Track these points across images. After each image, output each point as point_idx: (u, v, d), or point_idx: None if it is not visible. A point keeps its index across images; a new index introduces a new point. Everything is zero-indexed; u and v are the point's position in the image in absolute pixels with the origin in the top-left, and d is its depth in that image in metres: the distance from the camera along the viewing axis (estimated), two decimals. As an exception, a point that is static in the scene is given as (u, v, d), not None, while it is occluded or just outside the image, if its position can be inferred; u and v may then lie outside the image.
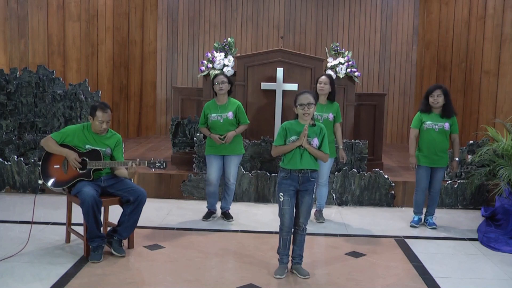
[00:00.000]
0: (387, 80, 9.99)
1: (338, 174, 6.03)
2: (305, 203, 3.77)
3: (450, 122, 5.04)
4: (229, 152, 5.09)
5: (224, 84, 5.04)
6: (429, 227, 5.20)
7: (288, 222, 3.75)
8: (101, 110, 4.15)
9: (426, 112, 5.07)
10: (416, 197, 5.25)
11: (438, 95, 4.97)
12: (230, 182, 5.18)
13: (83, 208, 3.91)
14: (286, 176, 3.75)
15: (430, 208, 5.26)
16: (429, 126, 5.05)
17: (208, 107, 5.11)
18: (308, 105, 3.71)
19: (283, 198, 3.74)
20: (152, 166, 4.17)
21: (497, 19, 7.70)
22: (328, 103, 5.16)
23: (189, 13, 10.02)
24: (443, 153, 5.07)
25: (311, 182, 3.77)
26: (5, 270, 3.74)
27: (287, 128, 3.78)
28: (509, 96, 7.45)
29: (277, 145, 3.80)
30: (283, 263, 3.82)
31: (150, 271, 3.85)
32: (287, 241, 3.79)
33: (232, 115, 5.05)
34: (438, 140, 5.02)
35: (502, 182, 5.17)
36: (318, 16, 9.95)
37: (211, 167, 5.11)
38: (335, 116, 5.16)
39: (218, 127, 5.04)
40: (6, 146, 6.35)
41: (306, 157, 3.73)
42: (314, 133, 3.78)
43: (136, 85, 9.77)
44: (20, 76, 6.42)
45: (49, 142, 4.15)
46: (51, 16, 8.01)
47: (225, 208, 5.30)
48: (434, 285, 3.71)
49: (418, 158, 5.11)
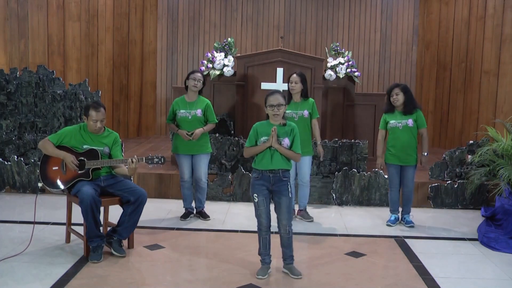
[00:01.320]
0: (387, 80, 9.97)
1: (338, 174, 6.03)
2: (282, 204, 3.75)
3: (414, 117, 5.06)
4: (197, 151, 5.08)
5: (199, 83, 5.07)
6: (406, 226, 5.19)
7: (265, 222, 3.76)
8: (94, 109, 4.14)
9: (390, 112, 5.14)
10: (390, 196, 5.27)
11: (397, 93, 5.04)
12: (202, 182, 5.16)
13: (82, 207, 3.92)
14: (258, 176, 3.75)
15: (405, 206, 5.26)
16: (393, 125, 5.10)
17: (177, 103, 5.12)
18: (278, 106, 3.72)
19: (257, 199, 3.74)
20: (150, 161, 4.18)
21: (497, 19, 7.70)
22: (302, 101, 5.16)
23: (189, 13, 10.02)
24: (410, 150, 5.07)
25: (284, 181, 3.75)
26: (5, 270, 3.74)
27: (258, 129, 3.80)
28: (509, 96, 7.45)
29: (248, 146, 3.81)
30: (265, 263, 3.81)
31: (150, 271, 3.85)
32: (266, 240, 3.80)
33: (200, 112, 5.06)
34: (403, 138, 5.05)
35: (502, 182, 5.17)
36: (318, 16, 9.95)
37: (183, 167, 5.11)
38: (311, 113, 5.16)
39: (186, 124, 5.04)
40: (6, 146, 6.35)
41: (277, 157, 3.72)
42: (285, 133, 3.77)
43: (136, 85, 9.77)
44: (20, 76, 6.42)
45: (46, 144, 4.15)
46: (51, 16, 8.01)
47: (200, 207, 5.29)
48: (434, 285, 3.71)
49: (387, 156, 5.16)
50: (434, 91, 9.29)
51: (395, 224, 5.24)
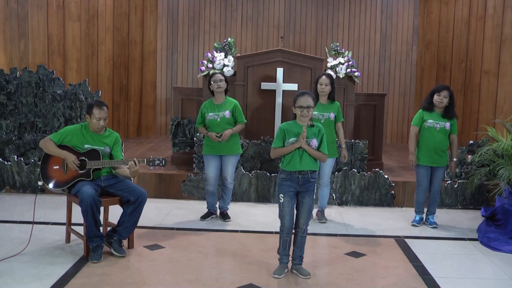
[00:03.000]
0: (387, 80, 9.98)
1: (338, 174, 6.03)
2: (305, 204, 3.76)
3: (451, 123, 5.07)
4: (226, 152, 5.09)
5: (222, 82, 5.05)
6: (430, 226, 5.20)
7: (288, 223, 3.76)
8: (97, 107, 4.15)
9: (428, 111, 5.09)
10: (417, 197, 5.26)
11: (445, 96, 5.01)
12: (227, 182, 5.18)
13: (82, 207, 3.91)
14: (286, 177, 3.75)
15: (431, 207, 5.27)
16: (430, 125, 5.06)
17: (205, 107, 5.13)
18: (308, 108, 3.71)
19: (283, 200, 3.74)
20: (151, 163, 4.17)
21: (497, 19, 7.70)
22: (329, 103, 5.16)
23: (189, 13, 10.02)
24: (443, 152, 5.08)
25: (311, 182, 3.77)
26: (5, 270, 3.74)
27: (286, 129, 3.78)
28: (509, 96, 7.45)
29: (275, 147, 3.80)
30: (283, 263, 3.82)
31: (150, 271, 3.85)
32: (287, 242, 3.79)
33: (229, 114, 5.06)
34: (439, 139, 5.04)
35: (502, 182, 5.17)
36: (318, 16, 9.95)
37: (209, 167, 5.12)
38: (336, 116, 5.17)
39: (215, 126, 5.05)
40: (6, 146, 6.35)
41: (306, 158, 3.73)
42: (313, 134, 3.78)
43: (136, 85, 9.77)
44: (20, 76, 6.42)
45: (48, 144, 4.14)
46: (51, 16, 8.01)
47: (223, 208, 5.31)
48: (434, 285, 3.71)
49: (418, 157, 5.12)
50: (434, 91, 9.27)
51: (420, 224, 5.25)
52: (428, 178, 5.15)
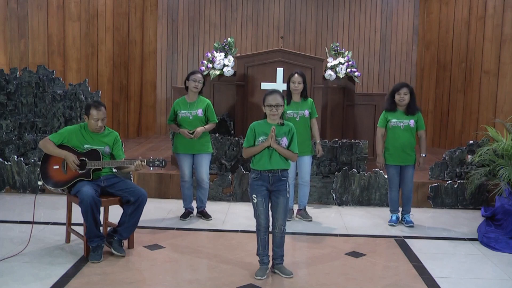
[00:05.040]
0: (387, 80, 9.98)
1: (338, 174, 6.03)
2: (280, 204, 3.75)
3: (415, 118, 5.08)
4: (198, 151, 5.11)
5: (200, 83, 5.11)
6: (406, 225, 5.20)
7: (264, 222, 3.76)
8: (95, 108, 4.16)
9: (391, 111, 5.13)
10: (390, 196, 5.28)
11: (405, 93, 5.03)
12: (204, 182, 5.18)
13: (82, 207, 3.92)
14: (257, 177, 3.74)
15: (405, 206, 5.27)
16: (394, 124, 5.09)
17: (177, 104, 5.16)
18: (276, 106, 3.71)
19: (256, 200, 3.73)
20: (151, 164, 4.19)
21: (497, 19, 7.70)
22: (302, 100, 5.19)
23: (189, 13, 10.02)
24: (410, 150, 5.09)
25: (283, 181, 3.75)
26: (5, 270, 3.74)
27: (255, 128, 3.78)
28: (509, 96, 7.45)
29: (246, 146, 3.79)
30: (264, 264, 3.81)
31: (150, 271, 3.85)
32: (265, 241, 3.79)
33: (201, 112, 5.09)
34: (404, 137, 5.06)
35: (502, 182, 5.17)
36: (318, 16, 9.95)
37: (184, 165, 5.14)
38: (311, 112, 5.20)
39: (188, 124, 5.07)
40: (6, 146, 6.35)
41: (276, 157, 3.72)
42: (283, 133, 3.77)
43: (136, 85, 9.77)
44: (20, 76, 6.42)
45: (47, 144, 4.15)
46: (51, 16, 8.01)
47: (201, 207, 5.31)
48: (434, 285, 3.71)
49: (386, 157, 5.15)
50: (434, 91, 9.29)
51: (397, 223, 5.25)
52: (398, 177, 5.17)
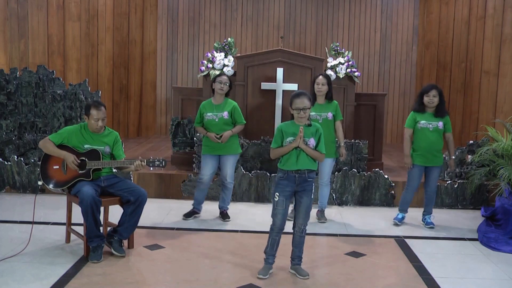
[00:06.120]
0: (387, 80, 9.99)
1: (338, 174, 6.03)
2: (303, 204, 3.76)
3: (444, 121, 5.08)
4: (225, 152, 5.10)
5: (226, 85, 5.07)
6: (427, 227, 5.20)
7: (279, 222, 3.76)
8: (95, 108, 4.15)
9: (420, 112, 5.11)
10: (405, 195, 5.27)
11: (434, 95, 5.01)
12: (227, 182, 5.18)
13: (82, 207, 3.92)
14: (283, 176, 3.75)
15: (427, 207, 5.27)
16: (423, 125, 5.07)
17: (204, 107, 5.14)
18: (304, 109, 3.71)
19: (278, 198, 3.74)
20: (151, 164, 4.19)
21: (497, 19, 7.70)
22: (327, 103, 5.17)
23: (189, 13, 10.02)
24: (438, 152, 5.09)
25: (309, 182, 3.76)
26: (5, 270, 3.74)
27: (283, 130, 3.79)
28: (509, 96, 7.45)
29: (274, 147, 3.81)
30: (268, 263, 3.81)
31: (150, 271, 3.85)
32: (275, 242, 3.79)
33: (227, 115, 5.07)
34: (433, 139, 5.05)
35: (502, 182, 5.17)
36: (318, 16, 9.95)
37: (205, 167, 5.13)
38: (335, 115, 5.17)
39: (213, 127, 5.06)
40: (6, 146, 6.35)
41: (303, 158, 3.73)
42: (311, 134, 3.78)
43: (136, 85, 9.77)
44: (20, 76, 6.42)
45: (47, 144, 4.14)
46: (51, 16, 8.01)
47: (223, 207, 5.31)
48: (434, 285, 3.71)
49: (413, 157, 5.13)
50: (434, 91, 9.28)
51: (401, 223, 5.25)
52: (419, 179, 5.17)
